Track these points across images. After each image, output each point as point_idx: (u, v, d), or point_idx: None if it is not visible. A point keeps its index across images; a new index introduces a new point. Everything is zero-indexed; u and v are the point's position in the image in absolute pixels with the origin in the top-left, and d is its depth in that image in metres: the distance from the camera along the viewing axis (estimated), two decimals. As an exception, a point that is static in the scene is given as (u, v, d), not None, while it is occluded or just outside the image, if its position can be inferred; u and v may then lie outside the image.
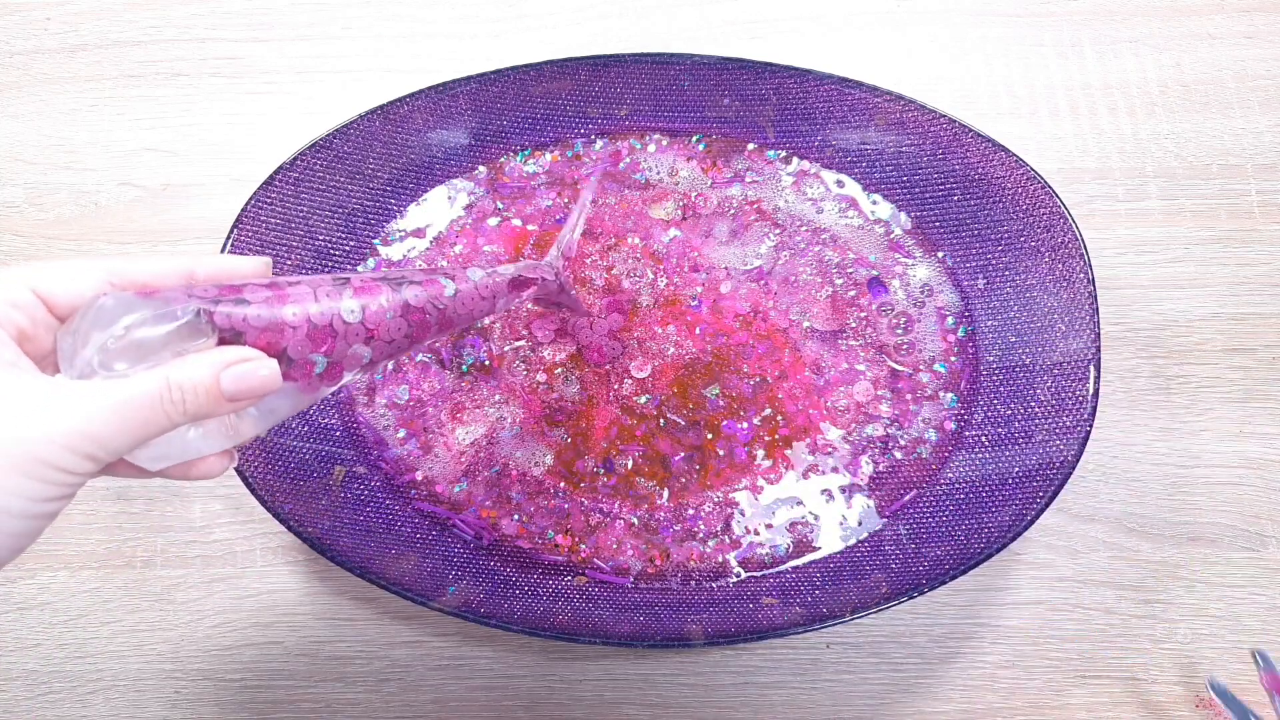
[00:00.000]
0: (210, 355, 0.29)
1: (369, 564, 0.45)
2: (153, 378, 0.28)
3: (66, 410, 0.27)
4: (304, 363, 0.32)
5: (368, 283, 0.35)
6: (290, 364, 0.32)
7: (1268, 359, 0.52)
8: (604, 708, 0.48)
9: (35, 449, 0.26)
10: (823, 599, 0.45)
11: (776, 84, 0.51)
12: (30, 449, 0.26)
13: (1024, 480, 0.46)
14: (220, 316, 0.30)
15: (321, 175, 0.50)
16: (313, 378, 0.33)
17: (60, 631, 0.50)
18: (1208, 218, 0.54)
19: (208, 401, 0.29)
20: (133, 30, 0.59)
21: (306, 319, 0.32)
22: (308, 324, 0.32)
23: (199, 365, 0.29)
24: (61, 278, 0.30)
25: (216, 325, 0.30)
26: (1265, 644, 0.48)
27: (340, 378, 0.34)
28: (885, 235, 0.52)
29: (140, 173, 0.56)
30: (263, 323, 0.31)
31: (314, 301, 0.32)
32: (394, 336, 0.35)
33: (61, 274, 0.30)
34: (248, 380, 0.30)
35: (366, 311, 0.34)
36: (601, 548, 0.49)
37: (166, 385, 0.28)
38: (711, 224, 0.53)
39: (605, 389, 0.51)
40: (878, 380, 0.50)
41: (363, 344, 0.34)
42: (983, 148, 0.49)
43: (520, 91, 0.52)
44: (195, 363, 0.29)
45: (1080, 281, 0.47)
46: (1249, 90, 0.56)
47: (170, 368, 0.29)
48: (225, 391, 0.29)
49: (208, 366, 0.29)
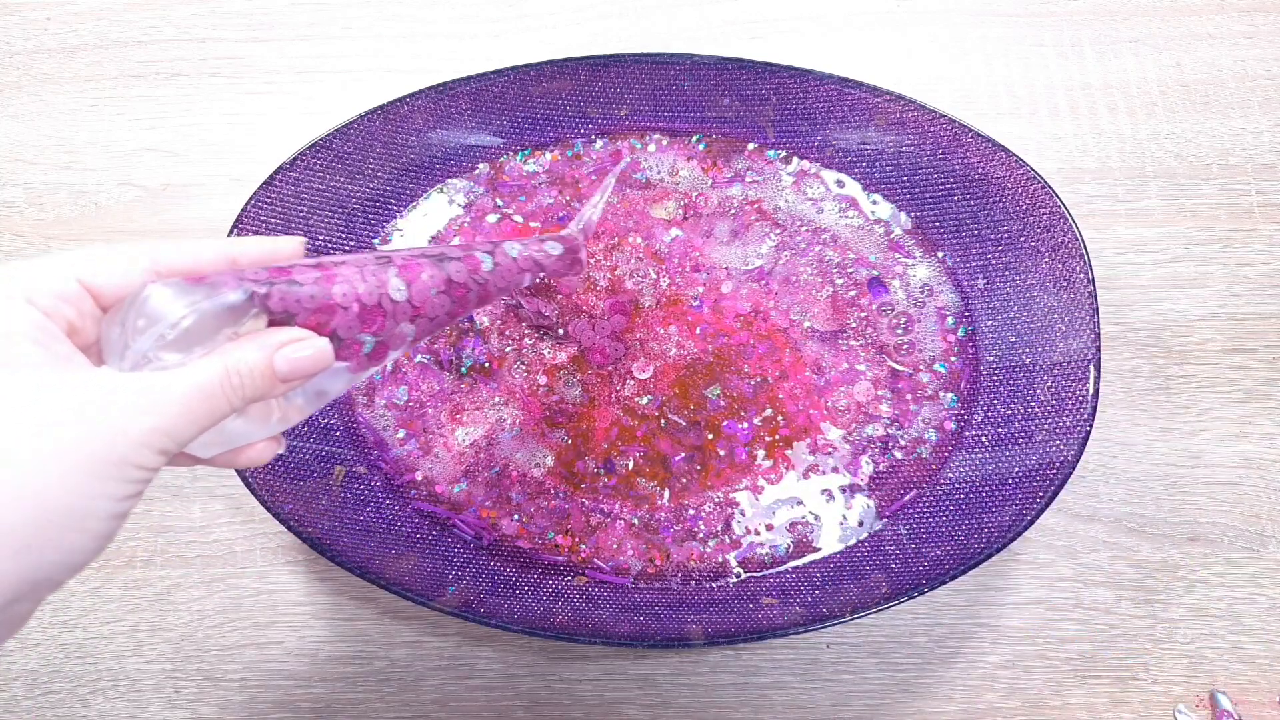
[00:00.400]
0: (262, 337, 0.29)
1: (369, 564, 0.45)
2: (213, 364, 0.28)
3: (140, 406, 0.26)
4: (352, 342, 0.32)
5: (410, 260, 0.35)
6: (339, 344, 0.31)
7: (1268, 359, 0.52)
8: (604, 708, 0.48)
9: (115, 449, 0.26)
10: (823, 599, 0.45)
11: (776, 84, 0.51)
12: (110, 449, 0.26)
13: (1024, 480, 0.46)
14: (274, 299, 0.29)
15: (321, 175, 0.50)
16: (361, 357, 0.33)
17: (60, 631, 0.50)
18: (1208, 218, 0.54)
19: (263, 384, 0.29)
20: (133, 30, 0.59)
21: (356, 298, 0.32)
22: (358, 303, 0.32)
23: (253, 348, 0.29)
24: (106, 266, 0.29)
25: (270, 308, 0.29)
26: (1265, 643, 0.48)
27: (385, 356, 0.34)
28: (885, 235, 0.52)
29: (140, 173, 0.56)
30: (315, 303, 0.30)
31: (361, 280, 0.32)
32: (437, 313, 0.35)
33: (106, 262, 0.29)
34: (301, 360, 0.29)
35: (412, 289, 0.34)
36: (601, 548, 0.49)
37: (225, 370, 0.28)
38: (712, 224, 0.53)
39: (607, 390, 0.51)
40: (878, 380, 0.50)
41: (409, 322, 0.34)
42: (983, 148, 0.49)
43: (520, 91, 0.52)
44: (249, 346, 0.29)
45: (1080, 281, 0.47)
46: (1249, 90, 0.56)
47: (225, 353, 0.28)
48: (279, 372, 0.29)
49: (261, 349, 0.29)
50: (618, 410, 0.50)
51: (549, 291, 0.52)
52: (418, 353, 0.51)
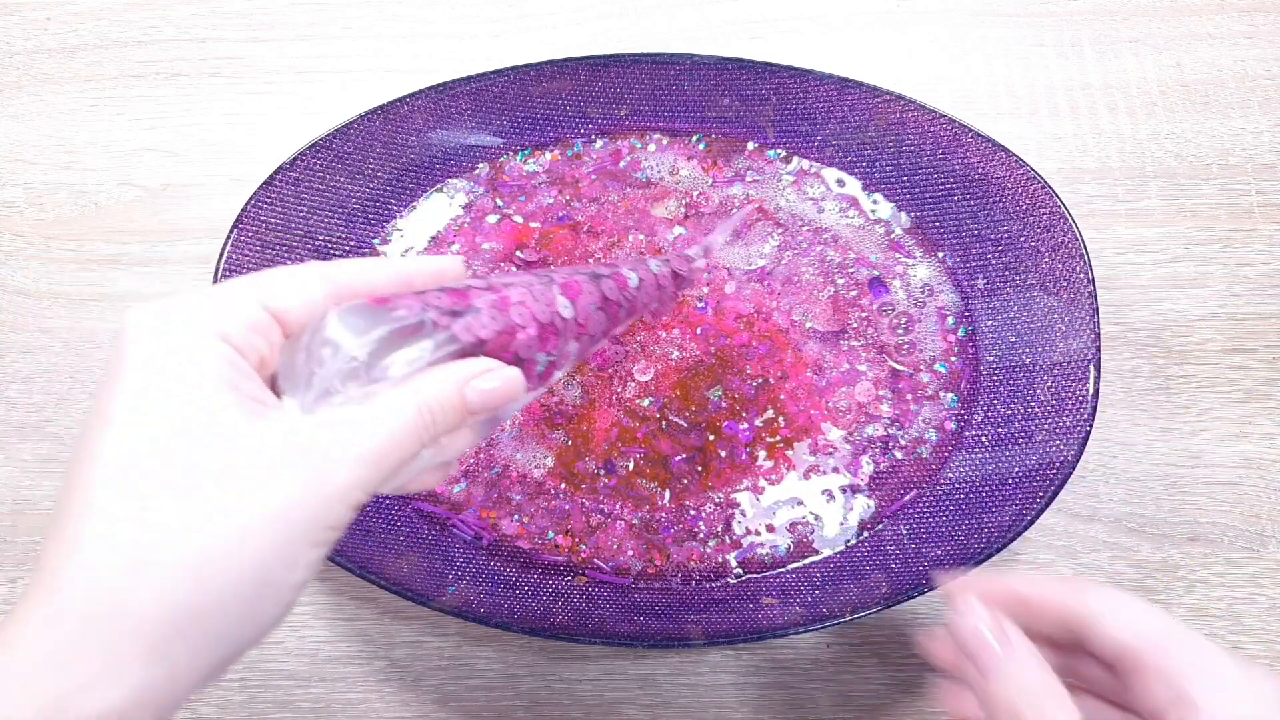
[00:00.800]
0: (452, 370, 0.27)
1: (369, 564, 0.45)
2: (406, 404, 0.26)
3: (337, 459, 0.24)
4: (529, 363, 0.31)
5: (570, 279, 0.34)
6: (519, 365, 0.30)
7: (1268, 359, 0.52)
8: (604, 708, 0.48)
9: (314, 509, 0.23)
10: (823, 599, 0.45)
11: (776, 84, 0.51)
12: (310, 510, 0.23)
13: (1024, 480, 0.46)
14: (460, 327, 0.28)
15: (321, 175, 0.50)
16: (534, 378, 0.32)
17: (60, 632, 0.50)
18: (1208, 218, 0.54)
19: (455, 418, 0.27)
20: (133, 30, 0.59)
21: (533, 318, 0.31)
22: (536, 324, 0.31)
23: (444, 382, 0.26)
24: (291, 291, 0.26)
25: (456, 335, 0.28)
26: (1265, 643, 0.48)
27: (552, 376, 0.33)
28: (886, 235, 0.52)
29: (140, 173, 0.56)
30: (500, 325, 0.29)
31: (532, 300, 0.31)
32: (595, 331, 0.35)
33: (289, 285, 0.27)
34: (492, 392, 0.27)
35: (576, 306, 0.33)
36: (602, 548, 0.49)
37: (418, 409, 0.26)
38: (713, 224, 0.53)
39: (607, 392, 0.51)
40: (879, 380, 0.50)
41: (574, 340, 0.33)
42: (983, 148, 0.49)
43: (520, 91, 0.52)
44: (439, 380, 0.26)
45: (1080, 281, 0.47)
46: (1249, 90, 0.56)
47: (417, 390, 0.26)
48: (470, 405, 0.27)
49: (453, 382, 0.27)
50: (618, 411, 0.50)
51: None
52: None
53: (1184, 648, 0.29)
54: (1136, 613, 0.30)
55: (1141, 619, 0.30)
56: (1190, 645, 0.29)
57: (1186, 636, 0.29)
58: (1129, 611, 0.30)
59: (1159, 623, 0.29)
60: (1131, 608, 0.30)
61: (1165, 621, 0.29)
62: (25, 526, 0.51)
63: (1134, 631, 0.29)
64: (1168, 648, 0.29)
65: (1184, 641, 0.29)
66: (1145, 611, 0.30)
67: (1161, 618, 0.30)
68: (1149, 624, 0.29)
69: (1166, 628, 0.29)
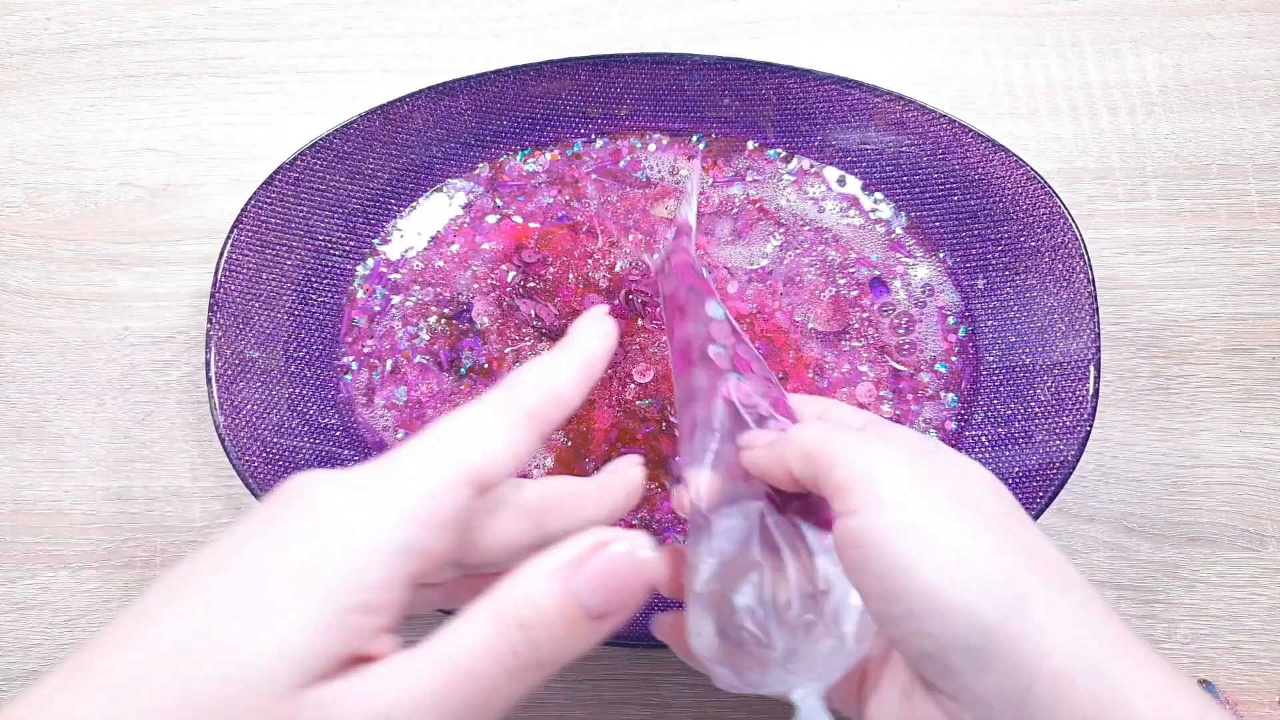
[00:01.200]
0: (547, 561, 0.22)
1: (369, 564, 0.45)
2: (488, 629, 0.22)
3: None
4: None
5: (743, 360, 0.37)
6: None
7: (1268, 359, 0.52)
8: (604, 708, 0.48)
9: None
10: (823, 599, 0.45)
11: (776, 84, 0.51)
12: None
13: (1024, 480, 0.46)
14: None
15: (321, 175, 0.50)
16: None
17: (60, 631, 0.50)
18: (1208, 218, 0.54)
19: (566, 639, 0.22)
20: (133, 30, 0.59)
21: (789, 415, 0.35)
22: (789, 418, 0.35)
23: (536, 579, 0.22)
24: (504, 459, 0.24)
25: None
26: (1265, 643, 0.48)
27: None
28: (886, 235, 0.52)
29: (140, 173, 0.56)
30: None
31: (771, 387, 0.35)
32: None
33: (497, 454, 0.24)
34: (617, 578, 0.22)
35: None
36: (602, 548, 0.49)
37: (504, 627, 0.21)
38: (714, 223, 0.53)
39: (607, 393, 0.51)
40: (879, 381, 0.50)
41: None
42: (983, 148, 0.49)
43: (520, 91, 0.52)
44: (530, 579, 0.22)
45: (1080, 281, 0.47)
46: (1249, 90, 0.56)
47: (504, 599, 0.22)
48: (589, 609, 0.22)
49: (555, 581, 0.22)
50: (618, 413, 0.50)
51: (547, 293, 0.52)
52: (417, 353, 0.51)
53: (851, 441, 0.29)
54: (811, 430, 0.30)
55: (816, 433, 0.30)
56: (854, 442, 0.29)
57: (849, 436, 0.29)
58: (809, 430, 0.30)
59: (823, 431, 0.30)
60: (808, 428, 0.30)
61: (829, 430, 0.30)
62: (25, 526, 0.51)
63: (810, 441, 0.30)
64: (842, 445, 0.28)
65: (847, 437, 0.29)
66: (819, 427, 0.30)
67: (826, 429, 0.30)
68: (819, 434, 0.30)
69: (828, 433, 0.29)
